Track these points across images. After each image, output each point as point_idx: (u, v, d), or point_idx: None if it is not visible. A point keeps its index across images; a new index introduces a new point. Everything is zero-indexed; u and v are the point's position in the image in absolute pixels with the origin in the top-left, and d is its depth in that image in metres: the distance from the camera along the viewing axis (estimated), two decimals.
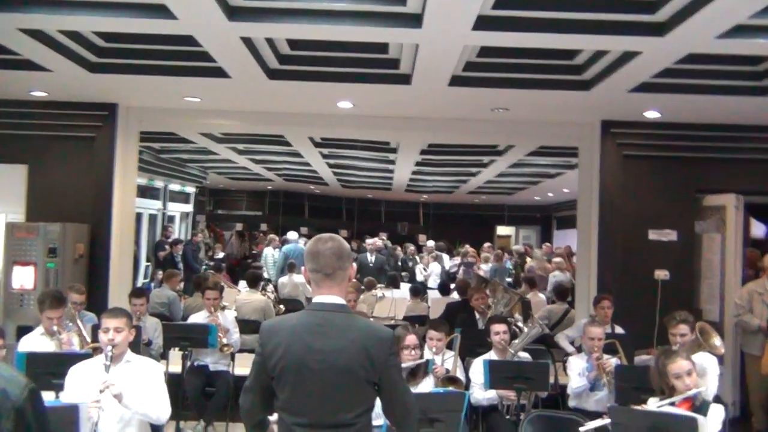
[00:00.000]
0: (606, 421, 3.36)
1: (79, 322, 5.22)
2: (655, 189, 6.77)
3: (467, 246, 12.70)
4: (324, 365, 2.26)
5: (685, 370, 3.45)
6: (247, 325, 7.02)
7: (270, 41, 5.09)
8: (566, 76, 5.60)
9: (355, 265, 2.57)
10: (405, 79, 5.57)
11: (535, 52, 5.22)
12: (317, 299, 2.40)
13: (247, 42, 4.76)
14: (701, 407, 3.48)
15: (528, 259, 12.40)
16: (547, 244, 14.21)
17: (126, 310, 3.96)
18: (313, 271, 2.39)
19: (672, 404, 3.41)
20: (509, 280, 11.29)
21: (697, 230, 6.89)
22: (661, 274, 6.59)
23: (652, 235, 6.72)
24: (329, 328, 2.31)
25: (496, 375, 4.53)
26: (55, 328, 4.81)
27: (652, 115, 6.41)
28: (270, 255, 12.17)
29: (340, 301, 2.39)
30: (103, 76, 5.71)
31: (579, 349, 5.68)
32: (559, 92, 5.77)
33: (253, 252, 14.23)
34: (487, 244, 13.21)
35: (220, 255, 12.94)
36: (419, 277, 11.61)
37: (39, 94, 6.52)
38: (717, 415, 3.48)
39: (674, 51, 4.62)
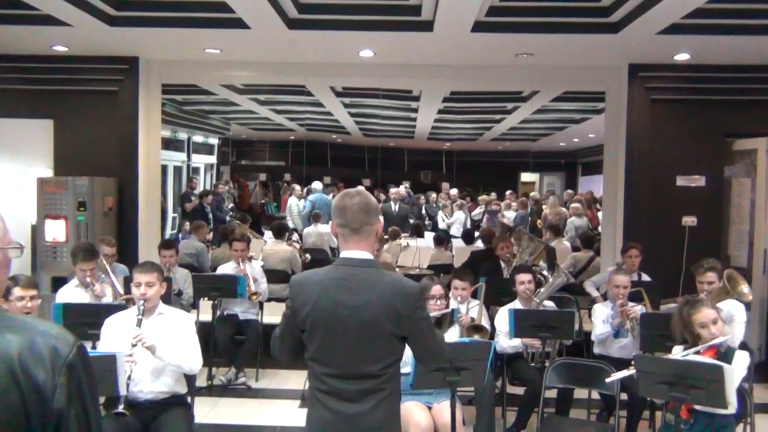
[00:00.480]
0: (632, 371, 3.39)
1: (111, 273, 5.35)
2: (683, 133, 6.64)
3: (492, 194, 12.64)
4: (351, 319, 2.30)
5: (711, 318, 3.44)
6: (274, 275, 7.15)
7: None
8: (593, 19, 5.45)
9: (381, 219, 2.56)
10: (427, 26, 5.46)
11: None
12: (345, 254, 2.42)
13: None
14: (726, 354, 3.49)
15: (544, 206, 12.33)
16: (569, 191, 14.08)
17: (157, 264, 4.03)
18: (341, 226, 2.40)
19: (697, 353, 3.42)
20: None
21: (726, 175, 6.77)
22: (689, 221, 6.52)
23: (680, 180, 6.63)
24: (356, 283, 2.34)
25: (521, 324, 4.57)
26: (88, 279, 4.95)
27: (681, 57, 6.22)
28: (294, 205, 12.24)
29: (368, 256, 2.41)
30: (123, 30, 5.69)
31: (605, 296, 5.70)
32: (586, 36, 5.62)
33: (262, 202, 14.27)
34: (509, 192, 13.12)
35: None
36: (441, 225, 11.63)
37: (60, 49, 6.52)
38: (742, 361, 3.49)
39: None
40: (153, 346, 3.53)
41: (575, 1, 5.24)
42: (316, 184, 12.19)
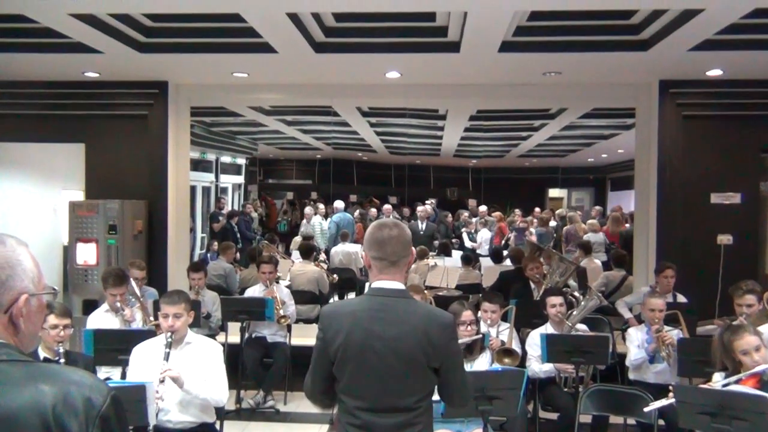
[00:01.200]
0: (671, 400, 3.28)
1: (141, 297, 5.39)
2: (716, 150, 6.51)
3: (516, 211, 12.53)
4: (386, 351, 2.26)
5: (753, 345, 3.32)
6: (301, 296, 7.14)
7: (316, 15, 5.03)
8: (623, 37, 5.38)
9: (414, 249, 2.53)
10: (454, 47, 5.44)
11: (589, 14, 5.02)
12: (378, 284, 2.38)
13: (293, 17, 4.71)
14: None
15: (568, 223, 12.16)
16: (597, 207, 13.88)
17: (184, 293, 4.02)
18: (377, 258, 2.37)
19: (738, 381, 3.31)
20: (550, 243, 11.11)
21: (762, 191, 6.60)
22: (724, 239, 6.37)
23: (715, 198, 6.48)
24: (390, 314, 2.30)
25: (554, 349, 4.48)
26: (118, 304, 4.99)
27: (714, 73, 6.11)
28: (317, 224, 12.25)
29: (400, 286, 2.38)
30: (153, 56, 5.77)
31: (638, 318, 5.57)
32: (615, 53, 5.55)
33: (278, 220, 14.12)
34: (537, 210, 12.98)
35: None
36: (467, 244, 11.51)
37: (92, 75, 6.64)
38: None
39: (740, 6, 4.35)
40: (180, 380, 3.52)
41: (604, 20, 5.16)
42: (339, 203, 12.18)
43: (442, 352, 2.30)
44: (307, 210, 11.88)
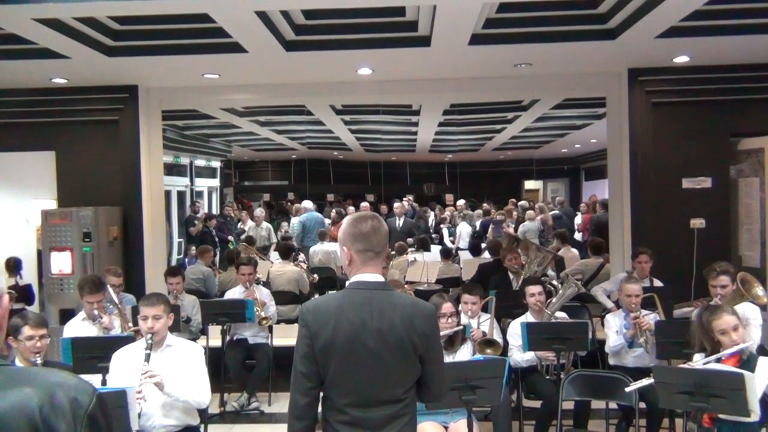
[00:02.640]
0: (651, 380, 3.33)
1: (119, 304, 5.32)
2: (686, 135, 6.60)
3: (484, 205, 12.64)
4: (375, 343, 2.27)
5: (732, 325, 3.39)
6: (281, 297, 7.11)
7: (285, 13, 5.01)
8: (590, 26, 5.43)
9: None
10: (424, 41, 5.45)
11: (557, 4, 5.07)
12: (358, 278, 2.38)
13: (262, 15, 4.68)
14: (748, 360, 3.43)
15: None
16: (559, 198, 14.20)
17: (163, 295, 3.98)
18: (363, 251, 2.36)
19: (718, 360, 3.36)
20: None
21: (732, 175, 6.71)
22: (697, 223, 6.47)
23: (687, 183, 6.58)
24: (375, 306, 2.31)
25: (535, 337, 4.52)
26: (96, 312, 4.92)
27: (681, 59, 6.20)
28: (297, 224, 12.20)
29: (381, 278, 2.40)
30: (121, 59, 5.70)
31: (617, 304, 5.64)
32: (584, 43, 5.60)
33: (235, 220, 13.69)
34: (513, 200, 13.12)
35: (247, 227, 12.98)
36: (446, 240, 11.55)
37: (60, 81, 6.54)
38: (765, 367, 3.43)
39: None
40: (161, 383, 3.49)
41: (572, 9, 5.22)
42: (307, 203, 12.13)
43: (427, 341, 2.33)
44: (258, 212, 11.43)
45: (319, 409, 2.38)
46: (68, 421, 1.21)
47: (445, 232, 11.91)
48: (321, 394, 2.36)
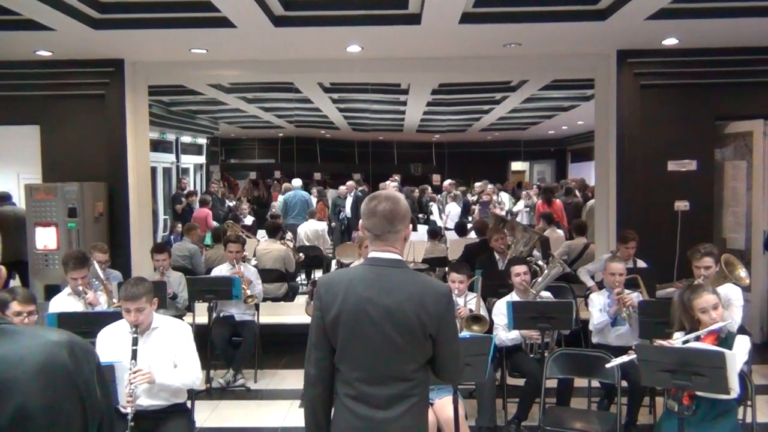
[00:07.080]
0: (631, 356, 3.38)
1: (104, 280, 5.30)
2: (673, 118, 6.64)
3: (461, 187, 12.71)
4: (380, 318, 2.27)
5: (712, 304, 3.44)
6: (268, 275, 7.12)
7: None
8: (580, 7, 5.43)
9: (410, 226, 2.52)
10: (414, 19, 5.42)
11: None
12: (373, 254, 2.40)
13: None
14: (726, 339, 3.50)
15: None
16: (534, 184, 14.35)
17: (144, 282, 3.75)
18: (366, 229, 2.41)
19: (697, 338, 3.42)
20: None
21: (717, 158, 6.77)
22: (682, 206, 6.53)
23: (672, 165, 6.63)
24: (385, 283, 2.31)
25: (520, 316, 4.57)
26: (80, 288, 4.90)
27: (670, 42, 6.21)
28: (280, 201, 12.17)
29: (396, 256, 2.39)
30: (107, 32, 5.62)
31: (600, 284, 5.70)
32: (574, 23, 5.60)
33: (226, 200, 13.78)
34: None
35: (232, 204, 12.92)
36: (438, 221, 11.58)
37: (44, 54, 6.44)
38: (743, 346, 3.50)
39: None
40: (152, 379, 3.49)
41: None
42: (295, 182, 12.11)
43: (437, 321, 2.30)
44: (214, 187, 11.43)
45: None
46: (90, 362, 1.31)
47: (435, 209, 11.93)
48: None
